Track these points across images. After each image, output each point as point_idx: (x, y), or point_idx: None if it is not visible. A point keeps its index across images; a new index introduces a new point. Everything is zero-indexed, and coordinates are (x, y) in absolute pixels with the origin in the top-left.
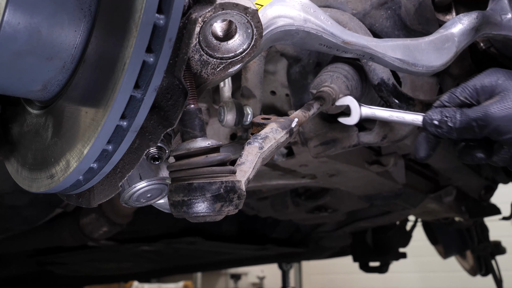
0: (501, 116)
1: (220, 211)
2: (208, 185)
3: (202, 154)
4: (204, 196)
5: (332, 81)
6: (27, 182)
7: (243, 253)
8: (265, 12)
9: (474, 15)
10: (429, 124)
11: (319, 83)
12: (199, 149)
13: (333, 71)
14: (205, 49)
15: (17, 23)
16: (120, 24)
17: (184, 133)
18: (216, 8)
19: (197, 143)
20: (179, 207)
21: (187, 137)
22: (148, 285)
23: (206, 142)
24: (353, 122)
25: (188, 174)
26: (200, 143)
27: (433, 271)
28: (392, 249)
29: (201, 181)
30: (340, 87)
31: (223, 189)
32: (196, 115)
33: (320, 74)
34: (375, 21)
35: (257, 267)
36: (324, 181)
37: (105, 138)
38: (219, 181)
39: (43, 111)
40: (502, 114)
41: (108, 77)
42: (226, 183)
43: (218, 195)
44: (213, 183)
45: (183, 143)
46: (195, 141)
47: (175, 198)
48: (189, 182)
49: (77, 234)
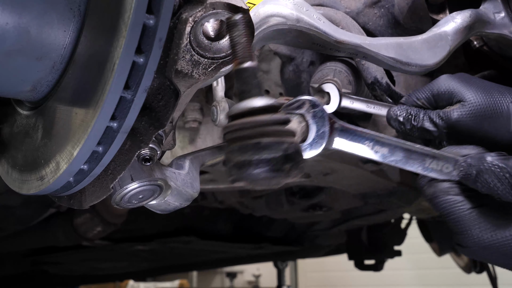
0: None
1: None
2: (277, 144)
3: (266, 113)
4: (274, 155)
5: (334, 75)
6: (17, 184)
7: (239, 252)
8: (257, 11)
9: (467, 13)
10: (393, 119)
11: (320, 77)
12: (263, 106)
13: (334, 66)
14: (196, 49)
15: (5, 23)
16: (109, 24)
17: (243, 91)
18: (207, 7)
19: (260, 101)
20: (244, 168)
21: (246, 95)
22: (143, 284)
23: (269, 101)
24: (331, 110)
25: (254, 132)
26: (262, 101)
27: (428, 268)
28: (387, 247)
29: (269, 140)
30: (343, 81)
31: (292, 149)
32: (255, 73)
33: (321, 69)
34: (368, 20)
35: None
36: (319, 179)
37: (95, 140)
38: (288, 141)
39: (33, 112)
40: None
41: (98, 78)
42: (293, 144)
43: (288, 155)
44: (282, 142)
45: (242, 101)
46: (256, 99)
47: (240, 158)
48: (256, 140)
49: (71, 234)
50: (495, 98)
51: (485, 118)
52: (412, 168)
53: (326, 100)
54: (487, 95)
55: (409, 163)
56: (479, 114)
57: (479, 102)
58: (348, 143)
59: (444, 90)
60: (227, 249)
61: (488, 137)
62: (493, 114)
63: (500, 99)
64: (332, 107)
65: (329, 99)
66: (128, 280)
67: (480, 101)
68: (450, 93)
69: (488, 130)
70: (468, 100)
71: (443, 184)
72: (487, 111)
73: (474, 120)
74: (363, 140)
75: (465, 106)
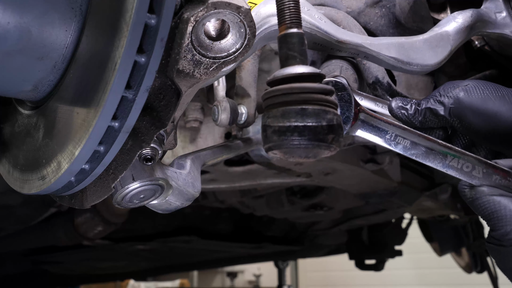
0: (469, 102)
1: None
2: (324, 113)
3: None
4: (319, 123)
5: (341, 72)
6: (19, 183)
7: (239, 252)
8: (259, 11)
9: (468, 13)
10: (397, 106)
11: (327, 73)
12: (310, 73)
13: (340, 63)
14: (197, 49)
15: (6, 22)
16: (111, 24)
17: (289, 57)
18: (208, 7)
19: (306, 68)
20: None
21: (292, 62)
22: (144, 283)
23: (315, 69)
24: None
25: (301, 98)
26: (309, 69)
27: (428, 268)
28: (388, 246)
29: (316, 107)
30: (349, 79)
31: (336, 120)
32: (303, 40)
33: (327, 65)
34: (369, 19)
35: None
36: (320, 179)
37: (96, 139)
38: (332, 112)
39: (34, 112)
40: (469, 100)
41: (99, 78)
42: (337, 116)
43: (332, 125)
44: (328, 111)
45: (288, 67)
46: (302, 66)
47: (283, 124)
48: (302, 106)
49: (71, 234)
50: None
51: (489, 98)
52: (432, 164)
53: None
54: (486, 83)
55: (429, 158)
56: (482, 92)
57: (481, 83)
58: (371, 131)
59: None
60: (228, 248)
61: (493, 119)
62: (496, 94)
63: (499, 87)
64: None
65: None
66: (129, 280)
67: (482, 83)
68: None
69: (493, 110)
70: (471, 82)
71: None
72: (490, 90)
73: (479, 97)
74: (386, 130)
75: (469, 85)
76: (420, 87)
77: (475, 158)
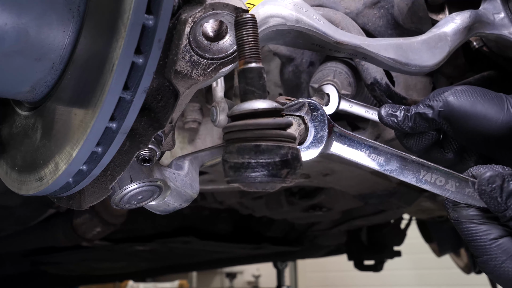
0: (458, 105)
1: (285, 178)
2: (277, 148)
3: (268, 116)
4: (272, 160)
5: (335, 76)
6: (16, 185)
7: (238, 252)
8: (257, 12)
9: (467, 14)
10: (385, 113)
11: (321, 78)
12: (266, 109)
13: (335, 67)
14: (195, 50)
15: (4, 23)
16: (108, 24)
17: (247, 92)
18: (206, 8)
19: (263, 103)
20: (241, 170)
21: (250, 96)
22: (143, 284)
23: (272, 104)
24: (330, 112)
25: (255, 135)
26: (266, 104)
27: (427, 269)
28: (387, 247)
29: (269, 144)
30: (343, 83)
31: (291, 155)
32: (261, 74)
33: (321, 69)
34: (368, 20)
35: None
36: (318, 180)
37: (94, 140)
38: (287, 146)
39: (32, 113)
40: (458, 103)
41: (97, 79)
42: (292, 150)
43: (286, 160)
44: (281, 147)
45: (245, 102)
46: (259, 101)
47: (237, 160)
48: (256, 143)
49: (70, 235)
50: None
51: (477, 101)
52: (406, 179)
53: (326, 101)
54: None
55: (403, 174)
56: (471, 95)
57: (470, 87)
58: (346, 149)
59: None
60: (227, 249)
61: (482, 121)
62: (484, 97)
63: (488, 91)
64: (330, 109)
65: (328, 101)
66: (128, 281)
67: (471, 87)
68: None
69: (482, 112)
70: (459, 86)
71: (468, 210)
72: (479, 93)
73: (468, 100)
74: (360, 147)
75: (458, 89)
76: (419, 88)
77: (447, 172)
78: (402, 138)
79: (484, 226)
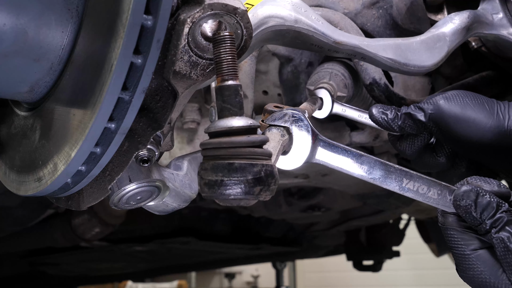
0: (448, 109)
1: (258, 195)
2: (250, 166)
3: (243, 133)
4: (245, 178)
5: (330, 78)
6: (15, 185)
7: (237, 253)
8: (256, 12)
9: (465, 14)
10: (376, 111)
11: (317, 80)
12: (240, 127)
13: (331, 68)
14: (194, 50)
15: (2, 24)
16: (107, 25)
17: (224, 109)
18: (205, 8)
19: (238, 121)
20: (215, 187)
21: (226, 113)
22: (142, 284)
23: (248, 121)
24: (322, 116)
25: (229, 153)
26: (241, 121)
27: (426, 269)
28: (386, 247)
29: (242, 162)
30: (339, 85)
31: (264, 172)
32: (237, 92)
33: (318, 71)
34: (366, 21)
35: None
36: (317, 180)
37: (93, 141)
38: (260, 164)
39: (31, 113)
40: (449, 107)
41: (96, 79)
42: (266, 167)
43: (259, 178)
44: (255, 165)
45: (221, 119)
46: (235, 118)
47: (211, 178)
48: (229, 161)
49: (69, 235)
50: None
51: (468, 105)
52: (390, 187)
53: (319, 105)
54: (467, 92)
55: (387, 182)
56: (462, 99)
57: (461, 92)
58: (330, 158)
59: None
60: (226, 249)
61: (471, 126)
62: (475, 102)
63: (479, 96)
64: (323, 113)
65: (321, 105)
66: (127, 281)
67: (462, 91)
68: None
69: (471, 117)
70: (451, 91)
71: (453, 217)
72: (469, 98)
73: (458, 104)
74: (344, 156)
75: (449, 93)
76: (417, 88)
77: (429, 180)
78: (395, 141)
79: (466, 236)
